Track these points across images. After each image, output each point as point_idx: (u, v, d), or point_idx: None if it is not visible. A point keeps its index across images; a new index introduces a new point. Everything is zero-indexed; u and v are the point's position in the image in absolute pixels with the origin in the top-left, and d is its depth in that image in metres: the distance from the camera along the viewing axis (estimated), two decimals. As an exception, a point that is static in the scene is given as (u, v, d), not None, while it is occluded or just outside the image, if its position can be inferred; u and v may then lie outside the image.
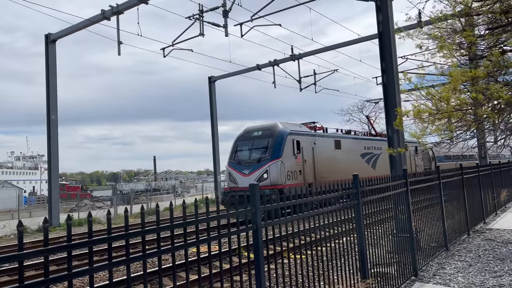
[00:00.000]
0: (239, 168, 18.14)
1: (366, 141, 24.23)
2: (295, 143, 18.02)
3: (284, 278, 4.20)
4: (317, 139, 19.92)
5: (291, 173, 17.47)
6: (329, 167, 19.93)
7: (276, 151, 17.34)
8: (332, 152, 20.73)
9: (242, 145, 18.90)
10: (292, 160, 17.71)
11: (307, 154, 18.64)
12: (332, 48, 25.47)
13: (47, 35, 20.44)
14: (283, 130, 18.06)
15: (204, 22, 17.48)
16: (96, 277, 8.75)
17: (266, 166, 17.16)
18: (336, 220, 5.26)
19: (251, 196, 3.81)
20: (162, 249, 2.86)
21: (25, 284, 2.03)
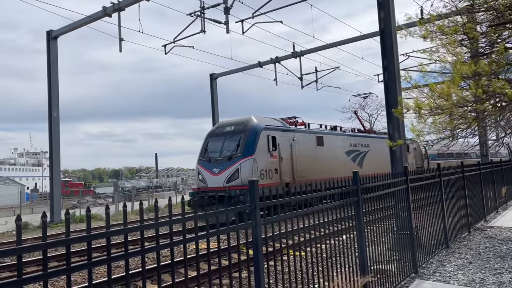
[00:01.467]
0: (208, 166, 16.56)
1: (352, 137, 22.68)
2: (270, 139, 16.45)
3: (283, 275, 4.21)
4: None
5: (265, 172, 15.97)
6: (310, 166, 18.44)
7: (249, 148, 15.81)
8: (314, 149, 19.17)
9: (213, 141, 17.28)
10: (266, 158, 16.22)
11: (284, 151, 17.10)
12: (334, 45, 25.42)
13: (48, 32, 20.45)
14: (257, 125, 16.47)
15: (206, 19, 17.47)
16: (97, 272, 8.78)
17: (237, 164, 15.65)
18: (336, 218, 5.27)
19: (250, 192, 3.81)
20: (161, 244, 2.87)
21: (23, 278, 2.04)
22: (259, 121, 16.71)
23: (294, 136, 17.97)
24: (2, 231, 18.84)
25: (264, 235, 3.96)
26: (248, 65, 28.02)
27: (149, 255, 9.63)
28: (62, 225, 20.21)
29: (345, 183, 5.41)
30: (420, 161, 29.02)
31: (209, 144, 17.23)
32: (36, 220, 21.10)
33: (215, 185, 15.82)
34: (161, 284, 2.90)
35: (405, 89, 9.74)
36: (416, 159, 28.79)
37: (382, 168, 22.36)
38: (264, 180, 15.73)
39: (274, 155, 16.50)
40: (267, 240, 4.09)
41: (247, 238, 3.83)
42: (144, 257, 2.77)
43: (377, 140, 24.42)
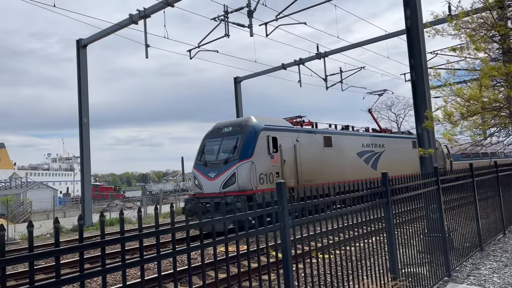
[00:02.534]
0: (204, 171, 15.28)
1: (365, 137, 21.05)
2: (270, 140, 15.14)
3: (312, 277, 4.18)
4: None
5: (265, 175, 14.66)
6: (317, 168, 17.07)
7: (246, 150, 14.52)
8: (321, 150, 17.71)
9: (210, 143, 16.01)
10: (266, 160, 14.92)
11: (287, 153, 15.79)
12: (359, 45, 25.12)
13: (78, 41, 21.09)
14: (255, 125, 15.14)
15: (229, 23, 17.60)
16: (128, 274, 8.96)
17: (234, 167, 14.33)
18: (365, 219, 5.20)
19: (278, 194, 3.81)
20: (192, 246, 2.90)
21: (62, 279, 2.11)
22: (258, 121, 15.46)
23: (298, 136, 16.63)
24: (37, 234, 19.49)
25: (292, 237, 3.95)
26: (272, 67, 28.05)
27: (178, 258, 9.75)
28: (93, 228, 20.74)
29: (373, 184, 5.34)
30: (442, 161, 27.27)
31: (205, 147, 16.07)
32: (69, 223, 21.74)
33: (211, 190, 14.68)
34: (192, 286, 2.93)
35: (433, 87, 9.52)
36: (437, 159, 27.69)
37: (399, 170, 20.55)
38: (263, 185, 14.50)
39: (275, 158, 15.29)
40: (296, 242, 4.07)
41: (276, 240, 3.83)
42: (176, 259, 2.81)
43: (393, 140, 23.25)
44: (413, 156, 23.36)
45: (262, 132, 15.05)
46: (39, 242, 15.97)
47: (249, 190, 13.92)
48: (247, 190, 13.92)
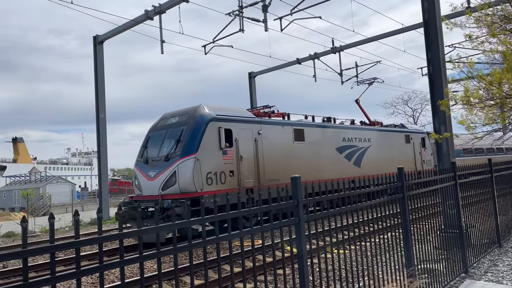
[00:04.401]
0: (145, 169, 13.18)
1: (346, 130, 18.46)
2: (223, 133, 12.92)
3: (327, 272, 4.18)
4: (264, 127, 14.41)
5: (214, 175, 12.48)
6: (285, 166, 14.69)
7: (190, 144, 12.37)
8: (290, 145, 15.34)
9: (153, 137, 13.86)
10: (216, 157, 12.71)
11: (245, 148, 13.55)
12: (375, 39, 24.83)
13: (95, 37, 21.36)
14: (203, 114, 13.02)
15: (244, 18, 17.58)
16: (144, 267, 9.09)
17: (175, 165, 12.21)
18: (381, 215, 5.17)
19: (293, 188, 3.81)
20: (207, 240, 2.94)
21: (81, 270, 2.16)
22: (208, 109, 13.31)
23: (261, 129, 14.24)
24: (56, 227, 19.93)
25: (307, 232, 3.96)
26: (286, 62, 27.96)
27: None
28: (110, 222, 21.09)
29: (389, 179, 5.29)
30: None
31: (149, 141, 13.92)
32: (87, 217, 22.16)
33: (150, 192, 12.68)
34: (208, 279, 2.97)
35: (451, 81, 9.36)
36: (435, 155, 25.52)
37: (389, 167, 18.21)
38: (212, 186, 12.29)
39: (229, 154, 13.04)
40: (310, 237, 4.08)
41: (291, 235, 3.84)
42: (192, 252, 2.85)
43: (381, 134, 20.63)
44: (406, 152, 21.61)
45: (212, 123, 12.80)
46: (58, 235, 16.33)
47: (192, 192, 11.81)
48: (190, 192, 11.81)
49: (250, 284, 6.53)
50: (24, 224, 2.02)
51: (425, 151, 23.50)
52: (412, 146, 22.19)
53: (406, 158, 21.46)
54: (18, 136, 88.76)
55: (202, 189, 12.04)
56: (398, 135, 21.76)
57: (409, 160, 21.51)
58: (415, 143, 22.49)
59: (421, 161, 22.66)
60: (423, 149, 23.18)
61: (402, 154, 21.28)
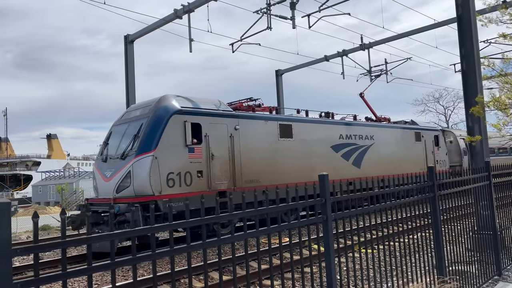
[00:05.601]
0: (103, 168, 11.78)
1: (343, 126, 16.43)
2: (189, 128, 11.34)
3: (355, 272, 4.15)
4: (243, 122, 12.78)
5: (177, 176, 10.95)
6: (268, 166, 13.13)
7: (148, 140, 10.84)
8: (275, 142, 13.63)
9: (115, 132, 12.40)
10: (181, 155, 11.16)
11: (217, 145, 11.97)
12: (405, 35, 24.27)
13: (126, 36, 21.85)
14: (166, 106, 11.44)
15: (272, 16, 17.56)
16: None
17: (129, 164, 10.75)
18: (410, 215, 5.08)
19: (321, 186, 3.80)
20: (236, 235, 2.98)
21: (115, 261, 2.25)
22: (173, 101, 11.71)
23: (238, 124, 12.61)
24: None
25: (335, 230, 3.94)
26: (314, 59, 27.73)
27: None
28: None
29: (420, 178, 5.19)
30: (458, 157, 22.84)
31: (110, 137, 12.49)
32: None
33: (105, 195, 11.32)
34: (236, 275, 3.01)
35: (486, 77, 9.06)
36: (452, 155, 22.60)
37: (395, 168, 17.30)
38: (174, 188, 10.82)
39: (197, 151, 11.51)
40: (338, 236, 4.06)
41: (318, 233, 3.84)
42: (220, 248, 2.90)
43: (386, 131, 18.66)
44: (416, 151, 19.78)
45: (175, 117, 11.24)
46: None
47: (149, 196, 10.39)
48: (147, 196, 10.40)
49: (277, 281, 6.56)
50: (63, 216, 2.11)
51: (439, 151, 21.40)
52: (423, 144, 20.30)
53: (416, 157, 19.68)
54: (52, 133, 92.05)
55: (161, 192, 10.57)
56: (406, 132, 19.77)
57: (419, 160, 19.78)
58: (427, 142, 20.53)
59: (433, 161, 20.55)
60: (436, 148, 21.13)
61: (411, 153, 19.47)
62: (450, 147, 22.71)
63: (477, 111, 7.89)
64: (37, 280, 2.02)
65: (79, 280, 8.20)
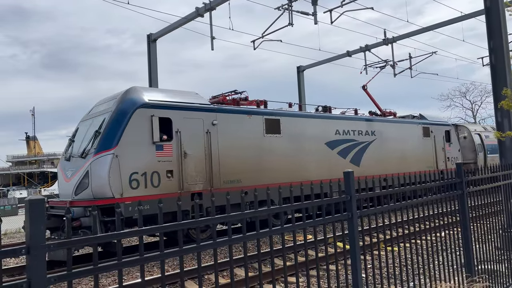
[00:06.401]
0: (66, 167, 10.88)
1: (341, 121, 15.11)
2: (156, 123, 10.33)
3: (381, 269, 4.10)
4: (221, 116, 11.68)
5: (143, 176, 9.95)
6: (252, 165, 12.06)
7: (108, 137, 9.87)
8: (260, 139, 12.48)
9: (81, 128, 11.45)
10: (147, 153, 10.14)
11: (191, 143, 10.91)
12: (430, 28, 23.73)
13: (149, 35, 22.15)
14: (130, 99, 10.39)
15: (293, 12, 17.46)
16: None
17: (87, 164, 9.83)
18: (438, 212, 4.98)
19: (346, 183, 3.77)
20: (260, 232, 2.99)
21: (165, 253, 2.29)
22: (139, 93, 10.66)
23: (216, 118, 11.51)
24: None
25: (360, 227, 3.91)
26: (336, 55, 27.45)
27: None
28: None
29: (447, 175, 5.09)
30: (472, 154, 21.37)
31: (77, 133, 11.48)
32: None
33: (66, 197, 10.43)
34: (262, 271, 3.02)
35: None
36: (465, 152, 21.23)
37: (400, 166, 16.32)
38: (139, 190, 9.80)
39: (167, 149, 10.50)
40: (363, 233, 4.02)
41: (343, 230, 3.81)
42: (246, 243, 2.91)
43: (392, 126, 17.22)
44: (425, 148, 18.40)
45: (140, 110, 10.22)
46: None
47: (109, 199, 9.40)
48: (106, 199, 9.40)
49: (302, 279, 6.55)
50: (94, 213, 2.16)
51: (450, 147, 19.87)
52: (432, 140, 18.84)
53: (424, 154, 18.27)
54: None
55: (122, 194, 9.57)
56: (413, 127, 18.24)
57: (427, 158, 18.42)
58: (436, 137, 19.04)
59: (444, 158, 19.14)
60: (447, 144, 19.64)
61: (419, 150, 18.00)
62: (464, 143, 21.36)
63: (506, 104, 7.65)
64: (70, 274, 2.09)
65: (108, 275, 8.38)
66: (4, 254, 1.89)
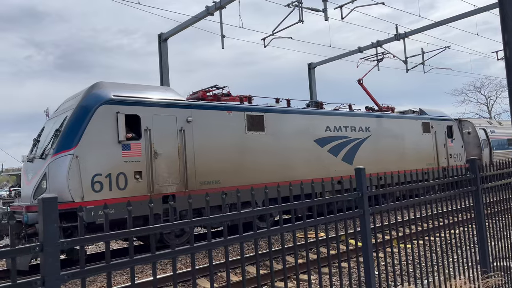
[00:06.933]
0: (28, 169, 10.27)
1: (333, 117, 14.27)
2: (122, 120, 9.62)
3: (394, 267, 4.07)
4: (197, 113, 10.92)
5: (107, 177, 9.27)
6: (232, 164, 11.35)
7: (67, 136, 9.21)
8: (242, 136, 11.75)
9: (46, 127, 10.72)
10: (112, 153, 9.45)
11: (163, 141, 10.22)
12: (443, 23, 23.40)
13: (159, 35, 22.29)
14: (93, 95, 9.67)
15: (303, 8, 17.39)
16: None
17: (46, 165, 9.23)
18: (451, 209, 4.92)
19: (357, 179, 3.74)
20: (271, 229, 2.99)
21: (194, 246, 2.31)
22: (104, 89, 9.88)
23: (191, 115, 10.78)
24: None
25: (372, 224, 3.88)
26: (347, 51, 27.28)
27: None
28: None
29: (460, 171, 5.02)
30: (476, 150, 20.40)
31: (42, 133, 10.76)
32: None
33: (26, 201, 9.86)
34: (286, 265, 3.02)
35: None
36: (469, 148, 20.35)
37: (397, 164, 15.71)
38: (103, 193, 9.13)
39: (135, 148, 9.80)
40: (376, 230, 3.99)
41: (355, 227, 3.78)
42: (270, 238, 2.92)
43: (388, 121, 16.31)
44: (424, 144, 17.58)
45: (104, 107, 9.50)
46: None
47: (68, 203, 8.74)
48: (65, 203, 8.72)
49: (314, 276, 6.53)
50: (106, 211, 2.18)
51: (453, 143, 18.98)
52: (432, 136, 18.03)
53: (424, 151, 17.49)
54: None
55: (83, 198, 8.94)
56: (411, 122, 17.37)
57: (427, 155, 17.65)
58: (437, 133, 18.23)
59: (446, 155, 18.34)
60: (449, 140, 18.78)
61: (418, 146, 17.20)
62: (468, 139, 20.50)
63: None
64: (83, 271, 2.11)
65: (122, 273, 8.49)
66: (18, 252, 1.92)
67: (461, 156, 19.18)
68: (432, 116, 18.75)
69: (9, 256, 1.92)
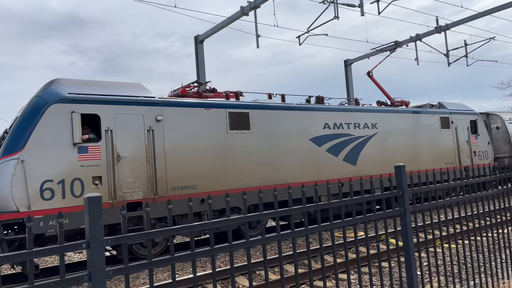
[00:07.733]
0: None
1: (333, 113, 12.86)
2: (77, 120, 8.73)
3: (437, 267, 3.93)
4: (168, 111, 9.92)
5: (60, 184, 8.41)
6: (211, 167, 10.26)
7: (13, 139, 8.37)
8: (223, 136, 10.64)
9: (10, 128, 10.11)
10: (65, 156, 8.55)
11: (127, 143, 9.29)
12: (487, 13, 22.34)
13: (196, 37, 22.68)
14: (45, 93, 8.79)
15: (339, 4, 17.14)
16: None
17: None
18: (499, 207, 4.69)
19: (397, 177, 3.65)
20: (309, 228, 2.98)
21: (232, 244, 2.36)
22: (58, 86, 8.96)
23: (161, 113, 9.81)
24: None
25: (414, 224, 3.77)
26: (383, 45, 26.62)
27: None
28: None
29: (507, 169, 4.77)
30: (506, 147, 18.21)
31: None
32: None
33: None
34: (325, 264, 3.01)
35: None
36: (498, 145, 18.33)
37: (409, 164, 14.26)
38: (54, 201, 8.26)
39: (93, 151, 8.90)
40: (418, 229, 3.88)
41: (396, 226, 3.69)
42: (308, 237, 2.91)
43: (399, 117, 14.56)
44: (443, 141, 15.80)
45: (56, 106, 8.60)
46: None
47: (12, 213, 7.94)
48: (8, 213, 7.93)
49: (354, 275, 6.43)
50: (147, 209, 2.25)
51: (477, 140, 17.06)
52: (453, 132, 16.20)
53: (442, 149, 15.63)
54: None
55: (30, 207, 8.09)
56: (427, 117, 15.46)
57: (446, 153, 15.78)
58: (458, 129, 16.40)
59: (469, 152, 16.48)
60: (473, 136, 16.89)
61: (435, 144, 15.35)
62: (496, 135, 18.58)
63: None
64: (127, 268, 2.19)
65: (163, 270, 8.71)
66: (66, 249, 2.02)
67: (487, 154, 17.35)
68: (452, 110, 16.93)
69: (58, 252, 2.02)
